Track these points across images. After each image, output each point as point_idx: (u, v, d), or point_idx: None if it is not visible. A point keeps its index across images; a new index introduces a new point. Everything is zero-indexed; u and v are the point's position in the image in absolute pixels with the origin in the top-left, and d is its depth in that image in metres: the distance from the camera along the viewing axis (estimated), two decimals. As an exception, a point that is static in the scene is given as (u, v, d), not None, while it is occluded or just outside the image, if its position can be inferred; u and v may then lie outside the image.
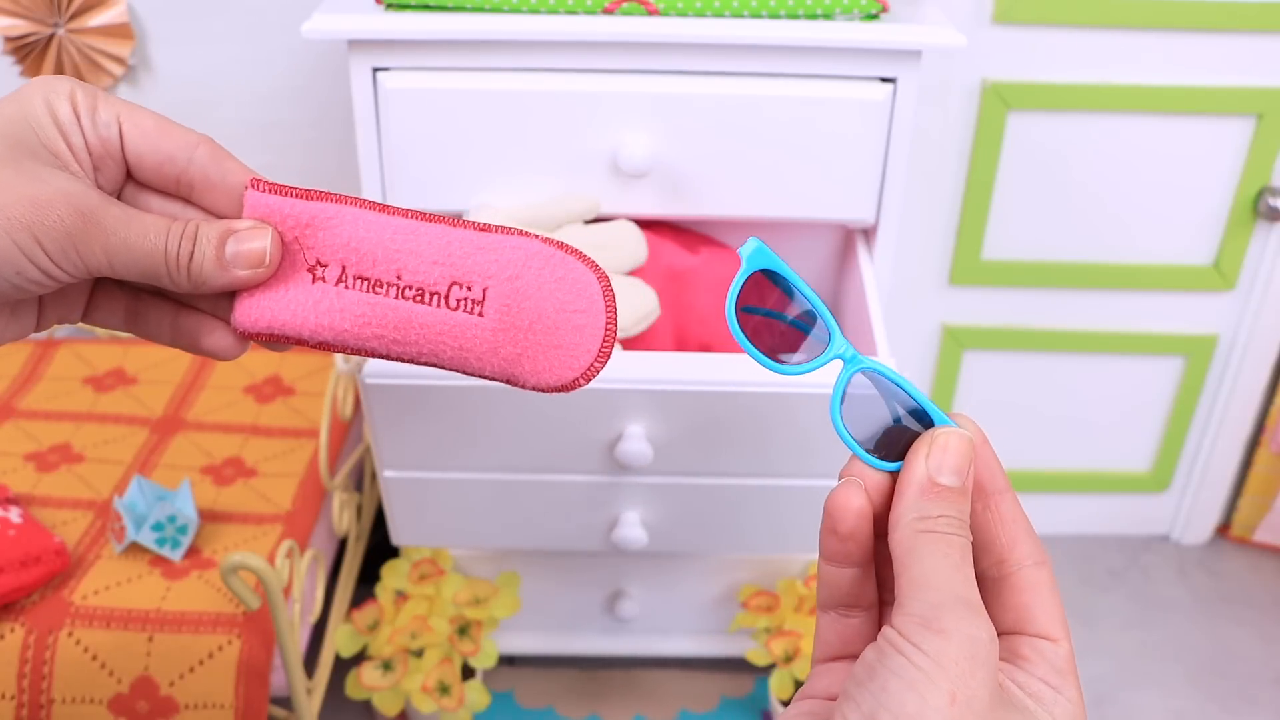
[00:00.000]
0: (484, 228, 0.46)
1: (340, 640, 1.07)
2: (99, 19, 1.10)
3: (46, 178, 0.42)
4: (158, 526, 0.93)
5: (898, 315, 1.29)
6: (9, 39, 1.11)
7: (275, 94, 1.17)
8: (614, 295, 0.44)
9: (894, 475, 0.40)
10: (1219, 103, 1.16)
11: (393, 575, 1.10)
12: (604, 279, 0.44)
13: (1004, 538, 0.41)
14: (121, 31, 1.11)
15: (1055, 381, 1.36)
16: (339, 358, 0.88)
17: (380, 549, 1.23)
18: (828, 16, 0.83)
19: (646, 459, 0.79)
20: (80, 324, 0.47)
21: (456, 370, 0.45)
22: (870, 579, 0.42)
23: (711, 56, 0.83)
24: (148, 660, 0.88)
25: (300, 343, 0.45)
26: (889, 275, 0.93)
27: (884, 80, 0.85)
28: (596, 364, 0.43)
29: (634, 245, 0.87)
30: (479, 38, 0.81)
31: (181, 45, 1.14)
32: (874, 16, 0.84)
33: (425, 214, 0.46)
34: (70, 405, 1.14)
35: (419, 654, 1.06)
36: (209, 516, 1.00)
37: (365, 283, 0.46)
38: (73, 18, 1.10)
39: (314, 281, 0.46)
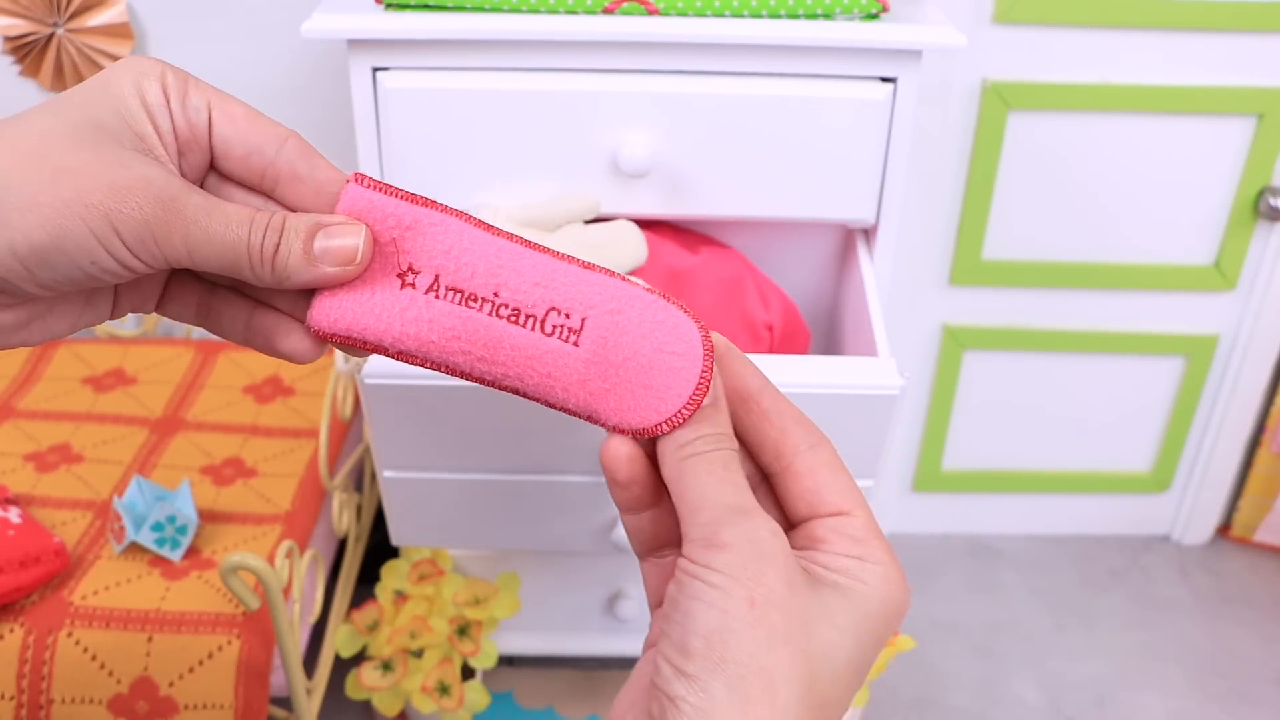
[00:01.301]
0: (589, 265, 0.45)
1: (340, 640, 1.07)
2: (98, 19, 1.10)
3: (128, 163, 0.40)
4: (157, 527, 0.93)
5: (898, 315, 1.29)
6: (8, 39, 1.11)
7: (275, 94, 1.17)
8: (713, 348, 0.43)
9: None
10: (1219, 102, 1.16)
11: (392, 575, 1.10)
12: (704, 330, 0.43)
13: (773, 432, 0.42)
14: (121, 31, 1.11)
15: (1056, 381, 1.36)
16: (339, 357, 0.87)
17: (380, 549, 1.23)
18: (828, 16, 0.83)
19: (646, 459, 0.79)
20: (154, 313, 0.45)
21: (538, 398, 0.44)
22: (669, 515, 0.43)
23: (711, 56, 0.83)
24: (147, 660, 0.88)
25: (378, 350, 0.43)
26: (889, 275, 0.93)
27: (884, 80, 0.85)
28: (685, 410, 0.42)
29: (634, 245, 0.87)
30: (479, 37, 0.81)
31: (181, 45, 1.14)
32: (874, 16, 0.84)
33: (532, 243, 0.45)
34: (69, 405, 1.14)
35: (419, 654, 1.06)
36: (208, 517, 0.99)
37: (459, 295, 0.44)
38: (72, 17, 1.10)
39: (402, 287, 0.44)
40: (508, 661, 1.25)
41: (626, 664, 1.26)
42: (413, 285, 0.44)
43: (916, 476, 1.45)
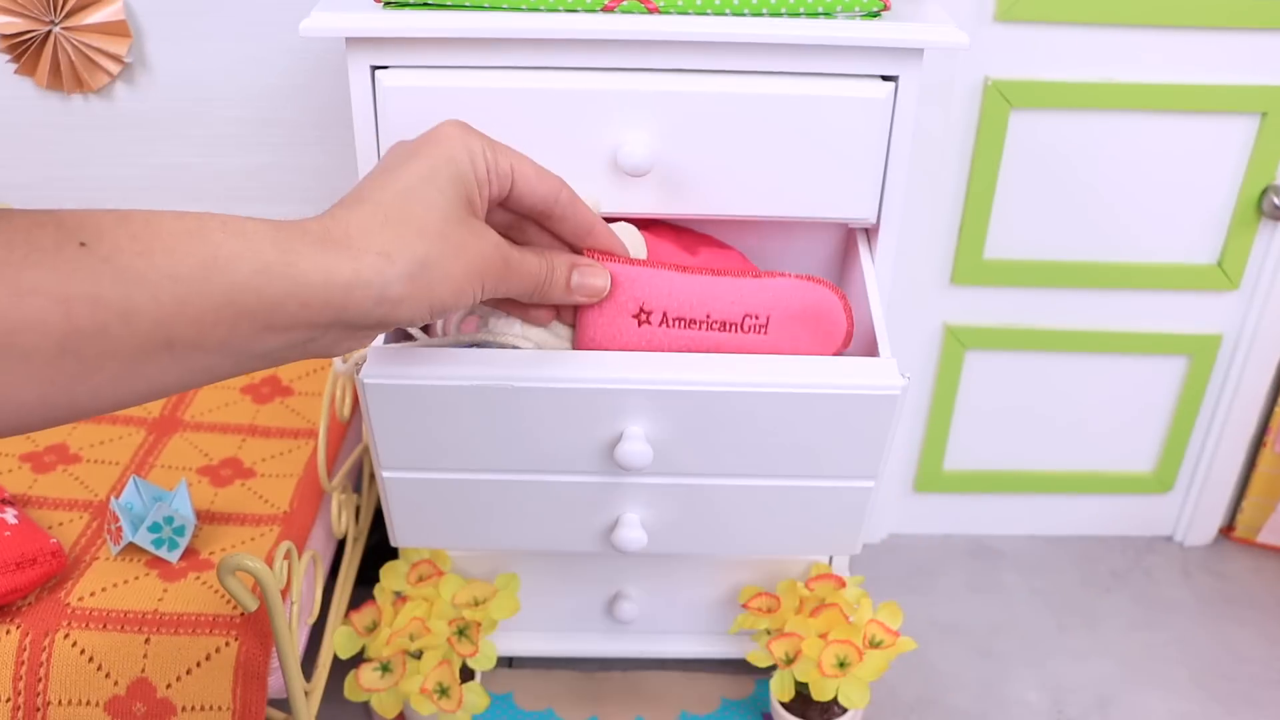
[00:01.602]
0: (759, 274, 0.72)
1: (338, 642, 1.07)
2: (95, 16, 1.09)
3: (482, 234, 0.57)
4: (155, 527, 0.92)
5: (899, 315, 1.29)
6: (4, 36, 1.10)
7: (273, 92, 1.16)
8: (849, 306, 0.75)
9: None
10: (1223, 101, 1.16)
11: (391, 576, 1.10)
12: (843, 298, 0.75)
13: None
14: (118, 29, 1.10)
15: (1058, 381, 1.36)
16: (337, 358, 0.87)
17: (379, 550, 1.23)
18: (829, 14, 0.83)
19: (646, 460, 0.78)
20: None
21: None
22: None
23: (712, 54, 0.83)
24: (144, 662, 0.88)
25: None
26: (890, 275, 0.93)
27: (885, 78, 0.84)
28: (844, 346, 0.75)
29: (635, 248, 0.87)
30: (478, 35, 0.81)
31: (179, 43, 1.14)
32: (875, 14, 0.83)
33: (720, 271, 0.73)
34: (67, 405, 1.14)
35: (418, 655, 1.05)
36: (206, 517, 0.99)
37: (682, 321, 0.71)
38: (69, 15, 1.09)
39: (640, 325, 0.70)
40: (507, 663, 1.25)
41: (627, 665, 1.25)
42: (649, 322, 0.70)
43: (918, 477, 1.44)
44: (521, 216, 0.65)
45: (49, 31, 1.10)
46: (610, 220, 0.91)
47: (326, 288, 0.49)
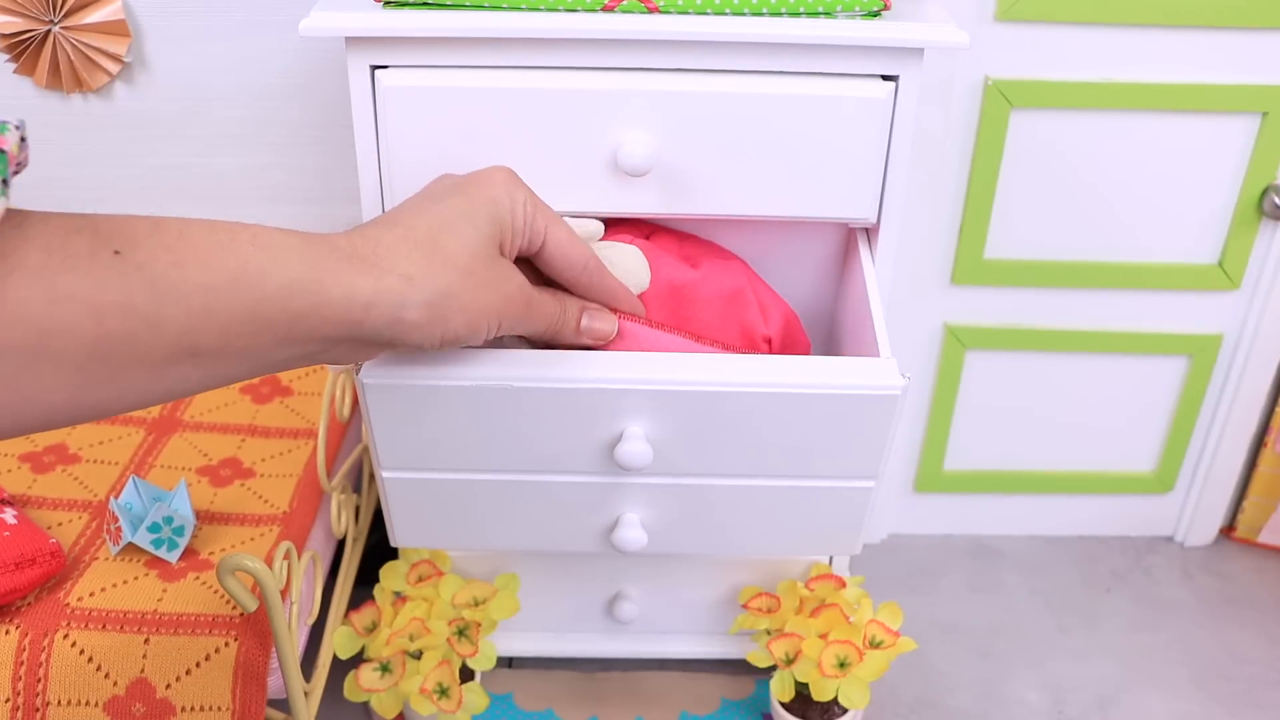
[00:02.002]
0: (729, 346, 0.80)
1: (338, 642, 1.06)
2: (94, 16, 1.09)
3: (509, 276, 0.59)
4: (154, 528, 0.92)
5: (899, 315, 1.29)
6: (4, 36, 1.10)
7: (273, 92, 1.16)
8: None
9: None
10: (1224, 100, 1.16)
11: (391, 577, 1.10)
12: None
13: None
14: (117, 28, 1.10)
15: (1058, 381, 1.36)
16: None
17: (379, 550, 1.23)
18: (829, 14, 0.83)
19: (646, 459, 0.78)
20: None
21: None
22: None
23: (712, 54, 0.83)
24: (144, 662, 0.88)
25: None
26: (891, 274, 0.93)
27: (886, 78, 0.84)
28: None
29: (637, 272, 0.87)
30: (478, 35, 0.81)
31: (178, 42, 1.14)
32: (876, 14, 0.83)
33: (725, 343, 0.81)
34: (67, 405, 1.14)
35: (417, 656, 1.05)
36: (206, 517, 0.99)
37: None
38: (68, 15, 1.09)
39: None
40: (507, 663, 1.25)
41: (627, 665, 1.25)
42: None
43: (918, 477, 1.44)
44: (545, 280, 0.68)
45: (48, 31, 1.10)
46: (610, 222, 0.91)
47: (348, 304, 0.51)
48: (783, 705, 1.11)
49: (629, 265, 0.87)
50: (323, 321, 0.50)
